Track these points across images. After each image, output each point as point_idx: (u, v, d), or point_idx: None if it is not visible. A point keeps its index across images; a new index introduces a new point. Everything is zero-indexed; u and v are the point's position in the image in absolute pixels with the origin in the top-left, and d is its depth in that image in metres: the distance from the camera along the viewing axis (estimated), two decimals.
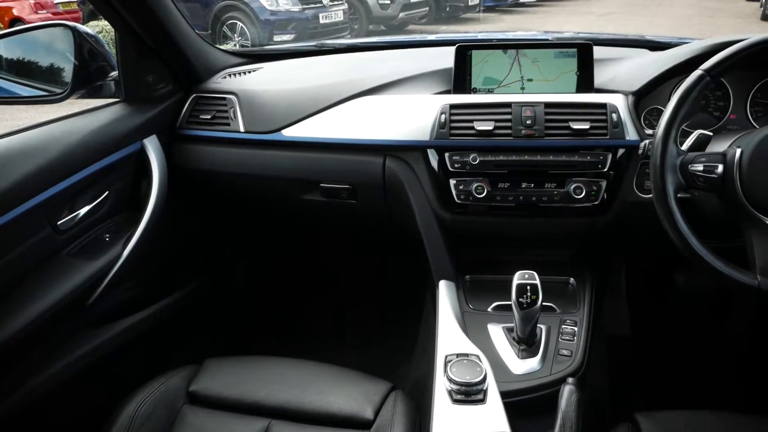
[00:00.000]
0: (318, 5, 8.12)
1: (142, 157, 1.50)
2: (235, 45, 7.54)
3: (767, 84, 1.34)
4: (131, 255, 1.41)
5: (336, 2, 8.37)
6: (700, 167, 1.06)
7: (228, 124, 1.54)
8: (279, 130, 1.48)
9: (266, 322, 2.14)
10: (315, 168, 1.48)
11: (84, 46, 1.42)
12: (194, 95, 1.61)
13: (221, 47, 1.80)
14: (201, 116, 1.58)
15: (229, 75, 1.66)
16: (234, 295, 2.05)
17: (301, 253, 2.28)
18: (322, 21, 8.10)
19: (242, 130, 1.52)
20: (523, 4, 13.59)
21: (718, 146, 1.14)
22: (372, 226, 1.69)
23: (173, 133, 1.60)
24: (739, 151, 1.05)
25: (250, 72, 1.67)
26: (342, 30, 8.43)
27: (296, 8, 7.93)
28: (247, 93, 1.55)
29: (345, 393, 1.20)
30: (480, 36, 1.76)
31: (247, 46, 7.22)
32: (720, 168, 1.05)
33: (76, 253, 1.37)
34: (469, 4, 11.01)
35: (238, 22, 7.80)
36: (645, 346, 1.89)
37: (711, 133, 1.12)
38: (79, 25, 1.43)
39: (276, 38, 7.69)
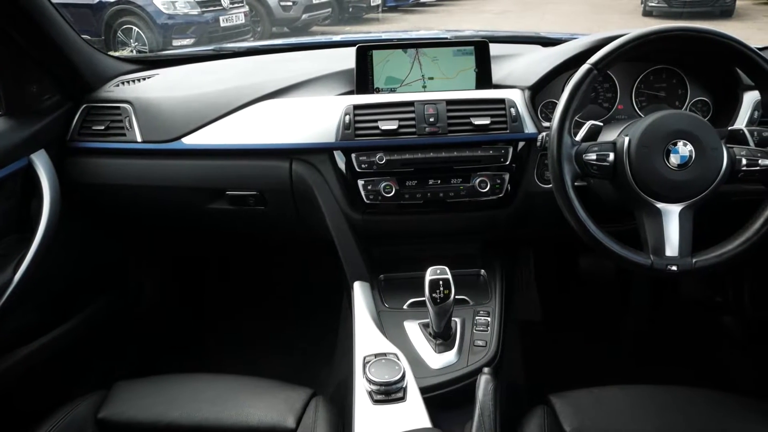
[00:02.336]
0: (218, 8, 7.90)
1: (30, 173, 1.40)
2: (131, 51, 7.20)
3: (648, 76, 1.43)
4: (24, 279, 1.31)
5: (236, 5, 8.17)
6: (593, 156, 1.11)
7: (124, 135, 1.47)
8: (179, 138, 1.42)
9: (178, 338, 2.06)
10: (220, 176, 1.44)
11: None
12: (85, 105, 1.51)
13: (114, 54, 1.71)
14: (94, 127, 1.49)
15: (122, 83, 1.58)
16: (142, 312, 1.96)
17: (210, 264, 2.21)
18: (222, 24, 7.88)
19: (139, 140, 1.45)
20: (423, 4, 13.82)
21: (609, 135, 1.20)
22: (283, 231, 1.67)
23: (64, 146, 1.50)
24: (627, 139, 1.11)
25: (144, 79, 1.59)
26: (244, 33, 8.25)
27: (195, 12, 7.68)
28: (142, 101, 1.49)
29: (264, 404, 1.17)
30: (384, 36, 1.77)
31: (146, 52, 6.92)
32: (611, 156, 1.11)
33: None
34: (372, 4, 11.09)
35: (134, 27, 7.46)
36: (556, 329, 1.97)
37: (601, 124, 1.18)
38: None
39: (175, 43, 7.41)
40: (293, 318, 2.09)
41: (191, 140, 1.42)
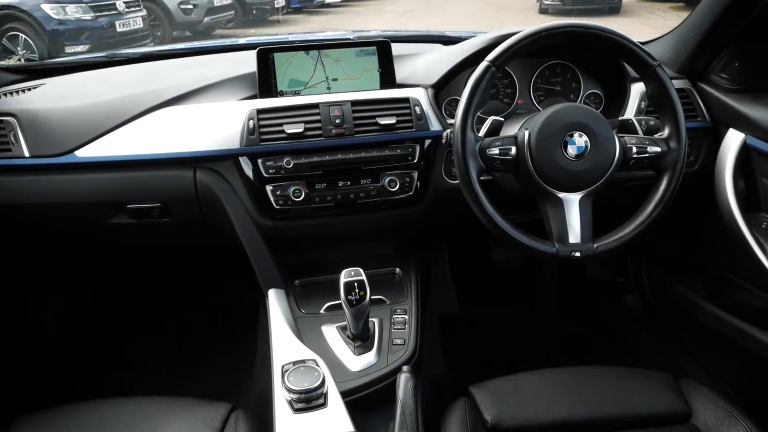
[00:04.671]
0: (113, 12, 7.52)
1: None
2: (19, 59, 6.73)
3: (545, 71, 1.49)
4: None
5: (133, 9, 7.82)
6: (496, 151, 1.14)
7: (9, 150, 1.36)
8: (72, 151, 1.34)
9: (86, 363, 1.94)
10: (119, 189, 1.37)
11: None
12: None
13: None
14: None
15: (5, 94, 1.47)
16: (45, 339, 1.83)
17: (117, 282, 2.10)
18: (119, 29, 7.52)
19: (27, 155, 1.35)
20: (329, 5, 13.81)
21: (510, 130, 1.23)
22: (191, 242, 1.61)
23: None
24: (527, 133, 1.15)
25: (29, 89, 1.49)
26: (143, 38, 7.91)
27: (88, 16, 7.28)
28: (28, 113, 1.38)
29: (182, 423, 1.12)
30: (291, 38, 1.75)
31: (36, 60, 6.50)
32: (513, 150, 1.15)
33: None
34: (276, 6, 10.95)
35: (21, 34, 6.98)
36: (474, 320, 2.02)
37: (502, 119, 1.21)
38: None
39: (68, 50, 7.00)
40: (210, 331, 2.02)
41: (85, 153, 1.33)
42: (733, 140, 1.38)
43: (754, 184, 1.37)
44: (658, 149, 1.16)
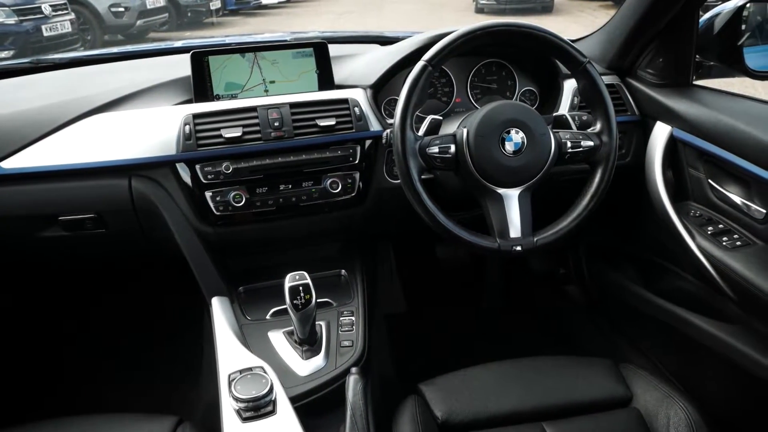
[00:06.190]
0: (39, 16, 7.20)
1: None
2: None
3: (481, 69, 1.52)
4: None
5: (60, 12, 7.51)
6: (435, 150, 1.15)
7: None
8: None
9: (23, 384, 1.85)
10: (49, 200, 1.30)
11: None
12: None
13: None
14: None
15: None
16: None
17: (53, 298, 2.01)
18: (46, 33, 7.21)
19: None
20: (266, 7, 13.66)
21: (449, 128, 1.25)
22: (129, 253, 1.55)
23: None
24: (465, 131, 1.16)
25: None
26: (72, 42, 7.61)
27: (11, 20, 6.95)
28: None
29: None
30: (228, 40, 1.71)
31: None
32: (452, 148, 1.16)
33: None
34: (211, 8, 10.75)
35: None
36: (421, 318, 2.03)
37: (441, 117, 1.22)
38: None
39: None
40: (154, 343, 1.97)
41: (10, 164, 1.27)
42: (660, 133, 1.44)
43: (682, 174, 1.43)
44: (591, 143, 1.20)
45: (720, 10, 1.39)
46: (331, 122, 1.31)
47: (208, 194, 1.27)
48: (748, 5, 1.39)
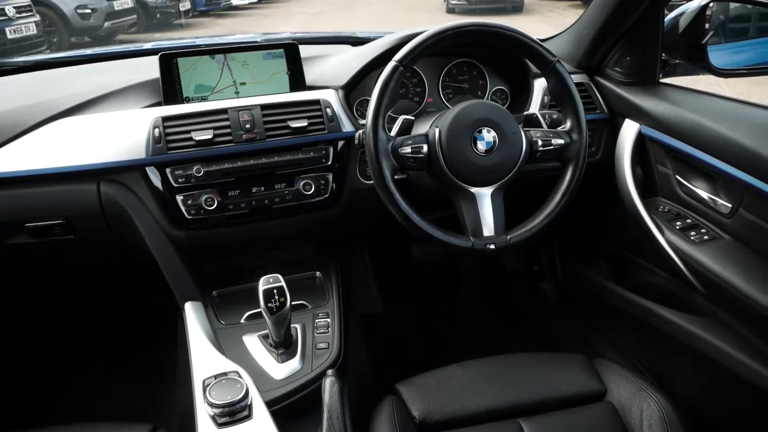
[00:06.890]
0: (2, 18, 7.03)
1: None
2: None
3: (452, 69, 1.52)
4: None
5: (24, 14, 7.34)
6: (408, 150, 1.15)
7: None
8: None
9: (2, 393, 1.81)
10: (15, 207, 1.27)
11: None
12: None
13: None
14: None
15: None
16: None
17: (24, 306, 1.97)
18: (10, 36, 7.05)
19: None
20: (237, 8, 13.54)
21: (421, 128, 1.25)
22: (99, 259, 1.53)
23: None
24: (437, 130, 1.17)
25: None
26: (38, 45, 7.44)
27: None
28: None
29: None
30: (198, 42, 1.69)
31: None
32: (425, 148, 1.16)
33: None
34: (181, 9, 10.62)
35: None
36: (398, 318, 2.04)
37: (413, 117, 1.23)
38: None
39: None
40: (128, 350, 1.94)
41: None
42: (629, 130, 1.46)
43: (650, 171, 1.46)
44: (562, 141, 1.21)
45: (684, 10, 1.42)
46: (303, 123, 1.30)
47: (179, 198, 1.26)
48: (710, 4, 1.41)
